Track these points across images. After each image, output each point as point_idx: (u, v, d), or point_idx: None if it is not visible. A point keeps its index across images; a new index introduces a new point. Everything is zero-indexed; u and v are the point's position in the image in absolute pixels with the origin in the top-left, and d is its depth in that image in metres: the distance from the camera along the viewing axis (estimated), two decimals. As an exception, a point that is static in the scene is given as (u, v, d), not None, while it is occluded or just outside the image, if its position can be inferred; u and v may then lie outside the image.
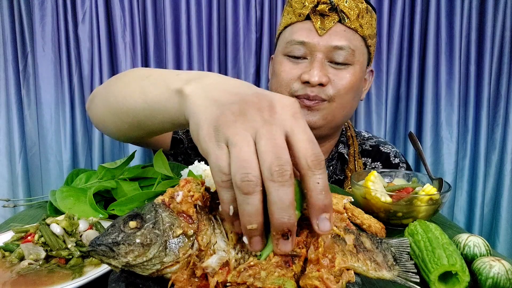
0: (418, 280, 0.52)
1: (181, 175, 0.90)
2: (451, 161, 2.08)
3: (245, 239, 0.45)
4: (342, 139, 1.26)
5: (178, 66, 2.01)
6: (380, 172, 0.89)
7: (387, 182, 0.90)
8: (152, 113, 0.66)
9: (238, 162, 0.42)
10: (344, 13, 1.04)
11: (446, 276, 0.56)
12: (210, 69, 2.02)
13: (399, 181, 0.89)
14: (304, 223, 0.51)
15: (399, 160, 1.27)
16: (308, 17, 1.06)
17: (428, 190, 0.77)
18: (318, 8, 1.04)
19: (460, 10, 1.99)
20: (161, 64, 2.01)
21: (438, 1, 1.98)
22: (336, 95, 1.08)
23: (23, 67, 1.98)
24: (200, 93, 0.53)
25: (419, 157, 1.04)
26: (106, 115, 0.81)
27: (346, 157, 1.22)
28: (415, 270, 0.54)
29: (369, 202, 0.78)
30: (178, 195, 0.48)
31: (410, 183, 0.88)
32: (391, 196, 0.77)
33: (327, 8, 1.04)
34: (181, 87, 0.56)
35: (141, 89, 0.67)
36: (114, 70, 1.99)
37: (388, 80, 2.06)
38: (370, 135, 1.37)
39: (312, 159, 0.42)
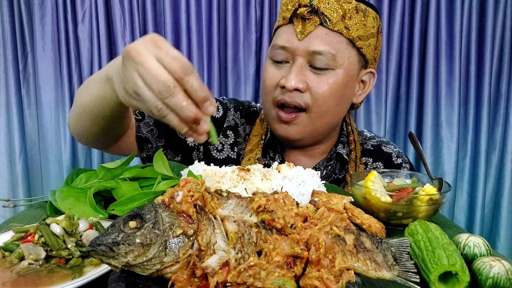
0: (418, 280, 0.52)
1: (181, 175, 0.90)
2: (452, 161, 2.08)
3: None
4: (342, 139, 1.23)
5: (178, 66, 2.01)
6: (380, 172, 0.89)
7: (387, 182, 0.90)
8: (99, 103, 0.85)
9: (153, 85, 0.63)
10: (325, 15, 1.01)
11: (446, 276, 0.56)
12: (210, 69, 2.02)
13: (399, 181, 0.89)
14: (306, 225, 0.51)
15: (402, 160, 1.25)
16: (291, 20, 1.04)
17: (428, 190, 0.77)
18: (298, 12, 1.01)
19: (460, 10, 1.99)
20: (161, 64, 2.01)
21: (438, 1, 1.98)
22: (313, 104, 1.05)
23: (23, 67, 1.98)
24: (114, 69, 0.72)
25: (419, 157, 1.03)
26: (77, 121, 0.97)
27: (346, 157, 1.19)
28: (415, 270, 0.54)
29: (369, 202, 0.78)
30: (178, 195, 0.48)
31: (410, 183, 0.88)
32: (391, 196, 0.77)
33: (306, 11, 1.01)
34: (105, 73, 0.78)
35: (87, 92, 0.88)
36: (114, 70, 1.99)
37: (388, 80, 2.06)
38: (373, 134, 1.35)
39: (180, 70, 0.63)
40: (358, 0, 1.05)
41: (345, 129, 1.27)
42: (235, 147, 1.22)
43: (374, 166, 1.24)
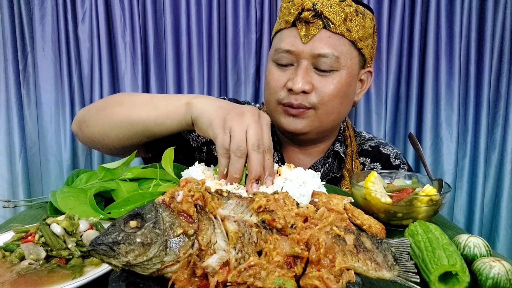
0: (418, 280, 0.52)
1: (181, 176, 0.90)
2: (451, 161, 2.08)
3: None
4: (339, 137, 1.26)
5: (178, 66, 2.01)
6: (380, 173, 0.89)
7: (387, 183, 0.90)
8: (162, 121, 0.95)
9: (236, 140, 0.79)
10: (328, 19, 1.04)
11: (446, 277, 0.56)
12: (210, 69, 2.02)
13: (399, 182, 0.89)
14: (306, 225, 0.51)
15: (400, 161, 1.26)
16: (294, 24, 1.07)
17: (428, 191, 0.77)
18: (302, 16, 1.04)
19: (460, 10, 1.99)
20: (161, 63, 2.01)
21: (438, 1, 1.98)
22: (320, 102, 1.08)
23: (23, 67, 1.98)
24: (205, 102, 0.89)
25: (419, 158, 1.03)
26: (110, 130, 1.03)
27: (343, 155, 1.21)
28: (415, 270, 0.54)
29: (369, 203, 0.78)
30: (178, 195, 0.48)
31: (410, 184, 0.88)
32: (391, 197, 0.77)
33: (310, 15, 1.04)
34: (189, 101, 0.91)
35: (152, 105, 0.97)
36: (114, 70, 1.99)
37: (388, 80, 2.06)
38: (371, 136, 1.37)
39: (267, 146, 0.81)
40: (356, 2, 1.08)
41: (341, 127, 1.29)
42: None
43: (372, 166, 1.25)
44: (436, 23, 2.00)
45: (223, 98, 1.27)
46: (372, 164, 1.26)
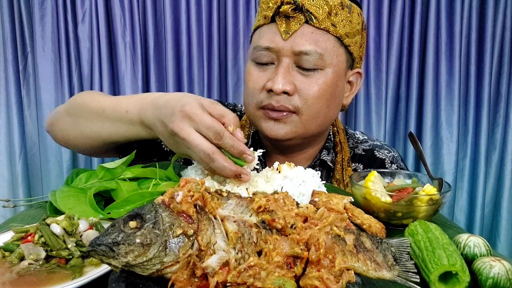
0: (418, 280, 0.52)
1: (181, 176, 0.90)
2: (451, 161, 2.08)
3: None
4: (327, 144, 1.15)
5: (178, 66, 2.01)
6: (380, 173, 0.89)
7: (387, 182, 0.90)
8: (127, 138, 0.95)
9: (197, 153, 0.76)
10: (310, 12, 0.94)
11: (446, 276, 0.55)
12: (210, 69, 2.02)
13: (399, 182, 0.89)
14: (306, 225, 0.51)
15: (397, 166, 1.17)
16: (274, 19, 0.97)
17: (428, 190, 0.77)
18: (281, 10, 0.94)
19: (460, 10, 1.99)
20: (161, 63, 2.01)
21: (438, 1, 1.98)
22: (303, 106, 0.98)
23: (23, 67, 1.98)
24: (154, 124, 0.84)
25: (419, 157, 1.01)
26: (77, 136, 1.02)
27: (330, 164, 1.12)
28: (415, 270, 0.54)
29: (369, 202, 0.78)
30: (178, 195, 0.48)
31: (410, 183, 0.88)
32: (391, 196, 0.76)
33: (290, 9, 0.94)
34: (140, 120, 0.88)
35: (109, 125, 0.94)
36: (114, 70, 1.99)
37: (388, 80, 2.06)
38: (366, 137, 1.25)
39: (214, 137, 0.75)
40: None
41: (330, 132, 1.18)
42: None
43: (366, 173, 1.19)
44: (436, 23, 2.00)
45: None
46: (365, 170, 1.16)
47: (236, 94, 2.04)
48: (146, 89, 2.03)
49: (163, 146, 1.16)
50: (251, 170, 0.80)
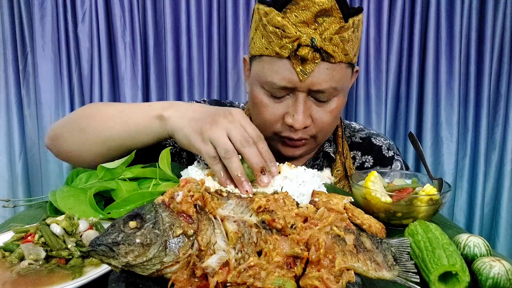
0: (418, 280, 0.52)
1: (181, 175, 0.90)
2: (451, 161, 2.08)
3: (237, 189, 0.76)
4: (329, 137, 1.20)
5: (178, 66, 2.01)
6: (380, 172, 0.89)
7: (387, 182, 0.90)
8: (136, 136, 0.93)
9: (221, 145, 0.77)
10: (328, 53, 0.92)
11: (446, 276, 0.55)
12: (210, 69, 2.02)
13: (399, 182, 0.89)
14: (306, 225, 0.51)
15: (394, 152, 1.20)
16: (288, 57, 0.94)
17: (428, 190, 0.77)
18: (299, 53, 0.92)
19: (460, 10, 1.99)
20: (161, 63, 2.01)
21: (438, 1, 1.98)
22: (319, 133, 1.05)
23: (23, 67, 1.98)
24: (177, 115, 0.87)
25: (419, 157, 1.00)
26: (82, 146, 1.00)
27: (332, 155, 1.16)
28: (415, 270, 0.54)
29: (369, 202, 0.78)
30: (178, 195, 0.48)
31: (410, 183, 0.88)
32: (391, 196, 0.76)
33: (309, 53, 0.91)
34: (159, 114, 0.89)
35: (121, 121, 0.94)
36: (113, 70, 1.99)
37: (388, 80, 2.06)
38: (362, 127, 1.30)
39: (255, 137, 0.80)
40: (351, 15, 0.94)
41: None
42: None
43: (363, 160, 1.20)
44: (436, 23, 2.00)
45: (203, 101, 1.24)
46: (363, 157, 1.20)
47: (236, 94, 2.04)
48: (146, 89, 2.02)
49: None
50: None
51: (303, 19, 0.91)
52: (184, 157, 1.21)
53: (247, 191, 0.75)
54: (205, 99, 1.29)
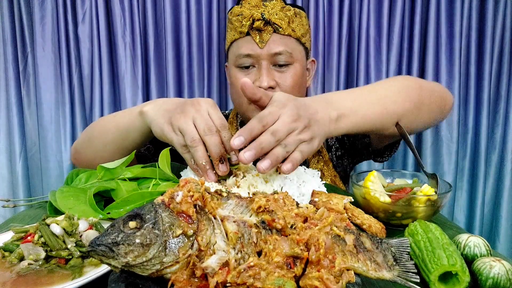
0: (418, 280, 0.52)
1: (180, 175, 0.90)
2: (451, 161, 2.08)
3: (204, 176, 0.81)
4: None
5: (178, 66, 2.01)
6: (381, 173, 0.89)
7: (388, 182, 0.90)
8: (126, 135, 1.03)
9: (187, 134, 0.80)
10: (277, 24, 1.20)
11: (446, 276, 0.55)
12: (210, 69, 2.02)
13: (400, 182, 0.89)
14: (306, 225, 0.51)
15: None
16: (248, 33, 1.21)
17: (426, 190, 0.77)
18: (254, 25, 1.20)
19: (460, 10, 1.99)
20: (161, 64, 2.01)
21: (438, 1, 1.98)
22: None
23: (23, 67, 1.98)
24: (153, 108, 0.93)
25: (411, 151, 0.97)
26: (95, 154, 1.12)
27: None
28: (415, 270, 0.54)
29: (368, 202, 0.78)
30: (177, 195, 0.48)
31: (411, 183, 0.88)
32: (390, 196, 0.76)
33: (262, 24, 1.19)
34: (140, 109, 0.96)
35: (114, 124, 1.07)
36: (114, 70, 1.99)
37: (388, 80, 2.06)
38: None
39: (202, 129, 0.81)
40: (292, 6, 1.24)
41: None
42: None
43: (332, 142, 1.37)
44: (436, 23, 2.00)
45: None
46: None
47: (236, 94, 2.04)
48: (146, 89, 2.02)
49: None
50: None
51: (254, 4, 1.22)
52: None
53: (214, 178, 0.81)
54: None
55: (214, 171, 0.81)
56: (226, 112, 1.48)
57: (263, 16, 1.20)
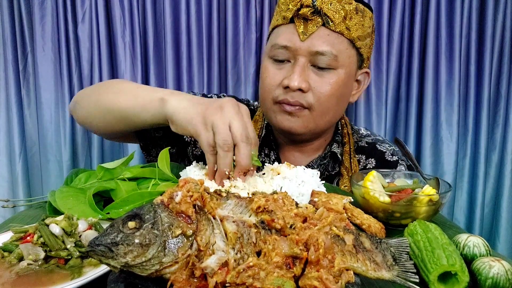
0: (417, 280, 0.52)
1: (180, 175, 0.90)
2: (451, 161, 2.08)
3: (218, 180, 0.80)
4: (337, 138, 1.23)
5: (178, 66, 2.01)
6: (381, 172, 0.89)
7: (388, 182, 0.90)
8: (138, 111, 0.95)
9: (221, 134, 0.77)
10: (328, 16, 1.01)
11: (445, 276, 0.55)
12: (210, 69, 2.02)
13: (400, 182, 0.89)
14: (306, 225, 0.51)
15: (398, 157, 1.22)
16: (292, 20, 1.04)
17: (428, 191, 0.77)
18: (300, 12, 1.02)
19: (460, 10, 1.98)
20: (160, 64, 2.01)
21: (438, 1, 1.98)
22: (316, 103, 1.06)
23: (23, 67, 1.98)
24: (181, 100, 0.88)
25: (409, 160, 0.99)
26: (96, 114, 1.05)
27: (339, 157, 1.19)
28: (415, 270, 0.54)
29: (368, 202, 0.78)
30: (177, 195, 0.48)
31: (412, 184, 0.88)
32: (390, 196, 0.76)
33: (309, 12, 1.01)
34: (162, 96, 0.90)
35: (134, 94, 0.98)
36: (113, 69, 1.99)
37: (388, 80, 2.06)
38: (369, 132, 1.33)
39: (253, 137, 0.81)
40: (356, 0, 1.06)
41: (339, 126, 1.26)
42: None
43: (367, 162, 1.23)
44: (436, 23, 2.00)
45: (223, 95, 1.27)
46: (366, 160, 1.23)
47: (236, 94, 2.04)
48: (146, 89, 2.02)
49: (184, 137, 1.20)
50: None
51: None
52: (198, 146, 1.22)
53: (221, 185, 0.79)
54: (224, 94, 1.34)
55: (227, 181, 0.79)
56: (251, 101, 1.37)
57: (314, 3, 1.00)
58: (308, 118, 1.08)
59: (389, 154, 1.23)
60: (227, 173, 0.77)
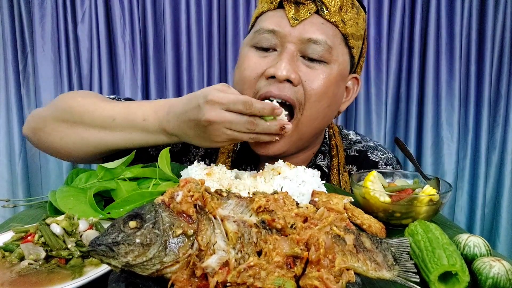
0: (418, 280, 0.52)
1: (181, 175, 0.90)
2: (452, 161, 2.08)
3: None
4: (322, 148, 1.08)
5: (177, 66, 2.01)
6: (382, 173, 0.89)
7: (388, 183, 0.90)
8: (136, 145, 0.93)
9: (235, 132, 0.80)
10: (323, 2, 0.88)
11: (446, 276, 0.55)
12: (210, 69, 2.02)
13: (400, 182, 0.89)
14: (306, 225, 0.51)
15: (392, 167, 1.10)
16: (281, 5, 0.89)
17: (428, 191, 0.77)
18: None
19: (460, 10, 1.99)
20: (160, 63, 2.01)
21: (438, 1, 1.98)
22: (306, 101, 0.90)
23: (23, 67, 1.98)
24: (179, 127, 0.86)
25: (411, 161, 0.93)
26: (76, 146, 0.94)
27: (325, 170, 1.05)
28: (415, 270, 0.54)
29: (368, 202, 0.78)
30: (178, 195, 0.48)
31: (412, 183, 0.88)
32: (390, 196, 0.76)
33: None
34: (162, 128, 0.89)
35: (123, 125, 0.91)
36: (113, 69, 1.99)
37: (388, 80, 2.06)
38: (359, 138, 1.16)
39: (245, 109, 0.78)
40: None
41: (326, 135, 1.11)
42: (206, 159, 1.13)
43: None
44: (436, 23, 2.00)
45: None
46: (364, 170, 1.07)
47: (236, 94, 2.05)
48: (146, 89, 2.02)
49: (149, 150, 1.09)
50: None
51: None
52: (193, 155, 1.15)
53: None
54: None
55: None
56: None
57: None
58: (290, 132, 0.86)
59: (383, 163, 1.09)
60: (277, 127, 0.80)
